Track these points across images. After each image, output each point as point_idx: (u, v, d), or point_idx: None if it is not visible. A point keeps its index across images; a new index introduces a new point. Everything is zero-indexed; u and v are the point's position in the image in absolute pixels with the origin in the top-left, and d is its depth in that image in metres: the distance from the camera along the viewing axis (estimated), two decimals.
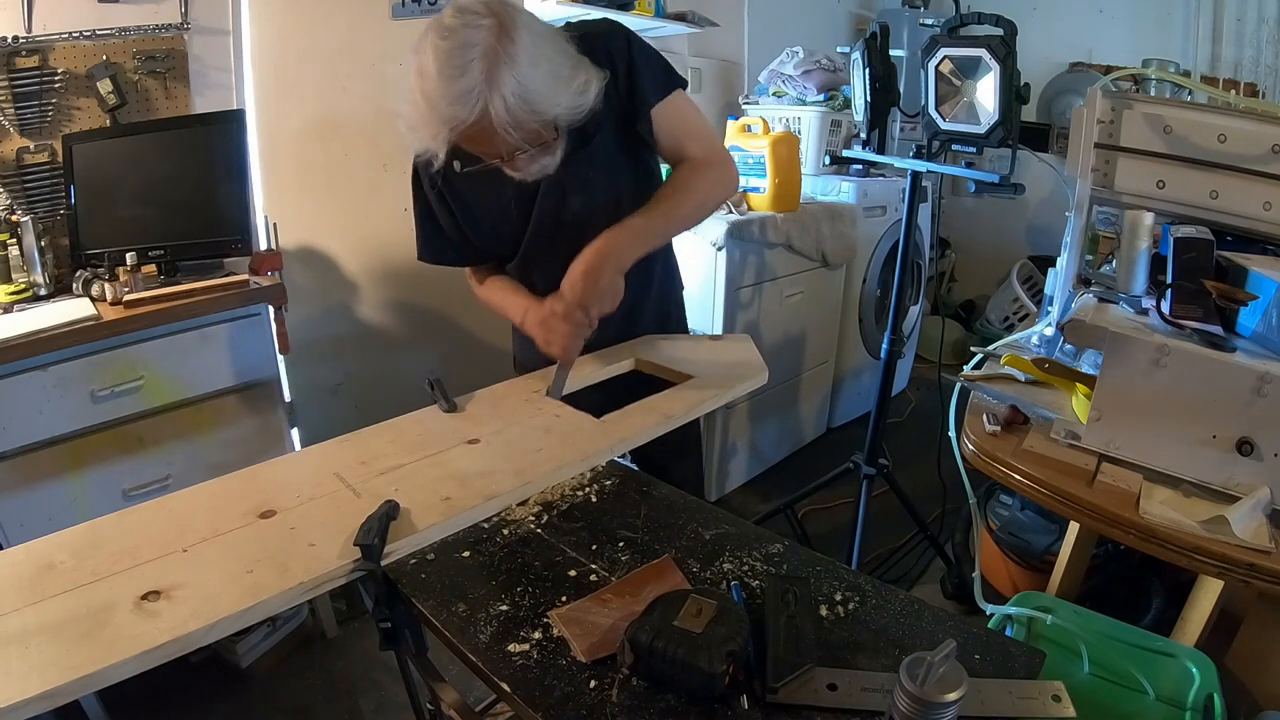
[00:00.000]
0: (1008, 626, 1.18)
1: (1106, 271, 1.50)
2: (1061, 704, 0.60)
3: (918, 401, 3.39)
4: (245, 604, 0.67)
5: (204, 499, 0.85)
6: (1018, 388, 1.27)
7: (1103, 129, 1.30)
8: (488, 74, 0.92)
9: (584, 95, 1.01)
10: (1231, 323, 1.13)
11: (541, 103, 0.97)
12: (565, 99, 0.99)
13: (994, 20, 1.45)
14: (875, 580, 0.76)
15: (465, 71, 0.91)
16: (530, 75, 0.94)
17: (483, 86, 0.92)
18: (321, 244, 2.29)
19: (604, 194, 1.20)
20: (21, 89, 1.71)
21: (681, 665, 0.61)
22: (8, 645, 0.61)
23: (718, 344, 1.35)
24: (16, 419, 1.41)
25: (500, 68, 0.92)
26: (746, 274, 2.41)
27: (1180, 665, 1.10)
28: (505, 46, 0.92)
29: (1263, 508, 0.94)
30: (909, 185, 1.82)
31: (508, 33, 0.93)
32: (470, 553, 0.80)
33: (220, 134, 1.85)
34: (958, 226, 4.32)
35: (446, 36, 0.93)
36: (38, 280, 1.66)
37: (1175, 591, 1.64)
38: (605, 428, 1.02)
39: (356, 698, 1.74)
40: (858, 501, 1.99)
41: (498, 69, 0.92)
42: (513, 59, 0.93)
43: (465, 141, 1.00)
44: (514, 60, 0.93)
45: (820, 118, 2.84)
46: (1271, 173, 1.23)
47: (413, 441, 0.98)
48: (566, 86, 0.99)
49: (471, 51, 0.91)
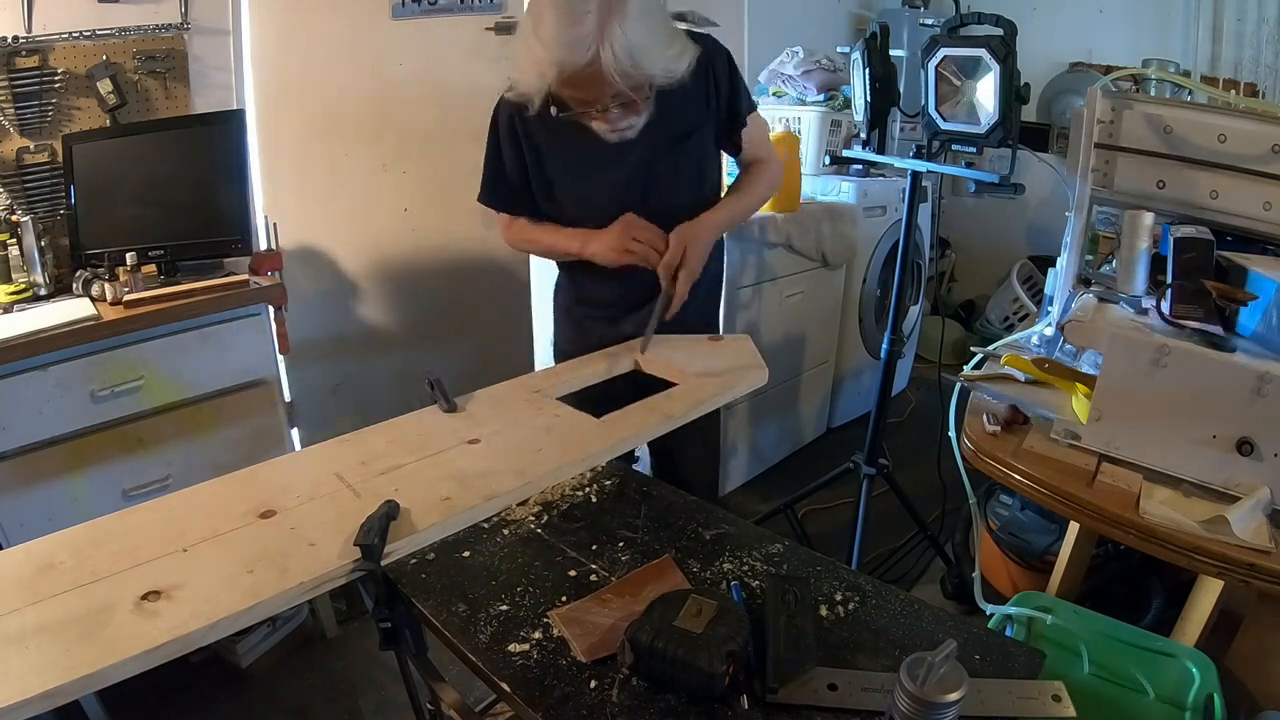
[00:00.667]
0: (1008, 626, 1.18)
1: (1106, 271, 1.50)
2: (1061, 704, 0.60)
3: (918, 401, 3.39)
4: (245, 604, 0.67)
5: (204, 499, 0.85)
6: (1018, 388, 1.27)
7: (1103, 129, 1.30)
8: (601, 24, 1.01)
9: (679, 61, 1.11)
10: (1231, 323, 1.13)
11: (643, 59, 1.06)
12: (663, 61, 1.09)
13: (994, 20, 1.45)
14: (875, 580, 0.76)
15: (582, 20, 1.01)
16: (637, 31, 1.03)
17: (595, 34, 1.01)
18: (321, 244, 2.29)
19: (689, 186, 1.34)
20: (21, 89, 1.71)
21: (681, 665, 0.61)
22: (8, 645, 0.61)
23: (718, 344, 1.35)
24: (16, 419, 1.41)
25: (613, 20, 1.02)
26: (746, 274, 2.41)
27: (1180, 665, 1.10)
28: (618, 2, 1.02)
29: (1263, 508, 0.94)
30: (909, 185, 1.82)
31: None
32: (470, 553, 0.81)
33: (220, 134, 1.85)
34: (958, 226, 4.31)
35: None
36: (38, 280, 1.66)
37: (1175, 591, 1.64)
38: (605, 428, 1.02)
39: (356, 698, 1.74)
40: (858, 501, 1.99)
41: (610, 21, 1.02)
42: (624, 14, 1.02)
43: (566, 86, 1.09)
44: (625, 15, 1.02)
45: (820, 118, 2.83)
46: (1271, 173, 1.23)
47: (413, 441, 0.98)
48: (665, 50, 1.09)
49: (589, 3, 1.01)
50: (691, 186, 1.34)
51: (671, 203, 1.30)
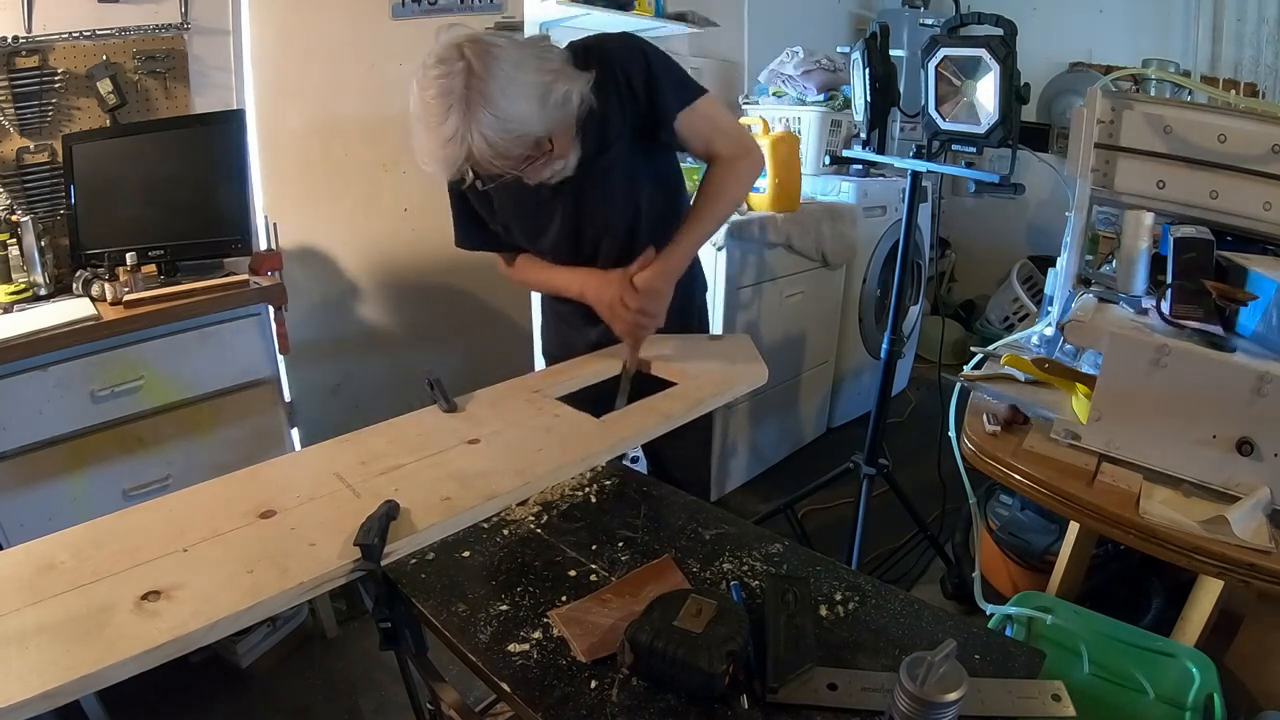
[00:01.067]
0: (1008, 626, 1.18)
1: (1106, 271, 1.50)
2: (1061, 703, 0.60)
3: (918, 401, 3.39)
4: (245, 604, 0.67)
5: (204, 499, 0.85)
6: (1018, 388, 1.27)
7: (1103, 129, 1.30)
8: (465, 117, 0.98)
9: (565, 107, 1.07)
10: (1231, 323, 1.13)
11: (521, 127, 1.02)
12: (545, 115, 1.04)
13: (994, 20, 1.45)
14: (875, 580, 0.76)
15: (446, 118, 0.98)
16: (505, 106, 0.99)
17: (464, 129, 0.98)
18: (321, 244, 2.29)
19: (622, 199, 1.27)
20: (21, 89, 1.71)
21: (681, 665, 0.61)
22: (8, 645, 0.61)
23: (718, 344, 1.35)
24: (16, 419, 1.41)
25: (475, 109, 0.98)
26: (746, 274, 2.41)
27: (1180, 665, 1.10)
28: (476, 87, 0.98)
29: (1263, 508, 0.94)
30: (909, 185, 1.82)
31: (478, 74, 0.98)
32: (470, 553, 0.81)
33: (220, 134, 1.85)
34: (958, 226, 4.31)
35: (428, 87, 0.99)
36: (38, 280, 1.66)
37: (1175, 591, 1.64)
38: (605, 428, 1.02)
39: (356, 698, 1.74)
40: (858, 501, 1.99)
41: (473, 110, 0.98)
42: (486, 97, 0.98)
43: (475, 167, 1.06)
44: (488, 98, 0.98)
45: (820, 118, 2.83)
46: (1271, 173, 1.23)
47: (413, 441, 0.98)
48: (544, 104, 1.04)
49: (449, 99, 0.98)
50: (625, 201, 1.28)
51: (610, 223, 1.27)
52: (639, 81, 1.19)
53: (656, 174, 1.32)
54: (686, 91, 1.23)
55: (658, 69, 1.20)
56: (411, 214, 2.35)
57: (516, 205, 1.27)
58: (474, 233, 1.35)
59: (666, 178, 1.36)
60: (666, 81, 1.21)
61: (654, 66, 1.20)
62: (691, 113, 1.23)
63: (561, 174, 1.15)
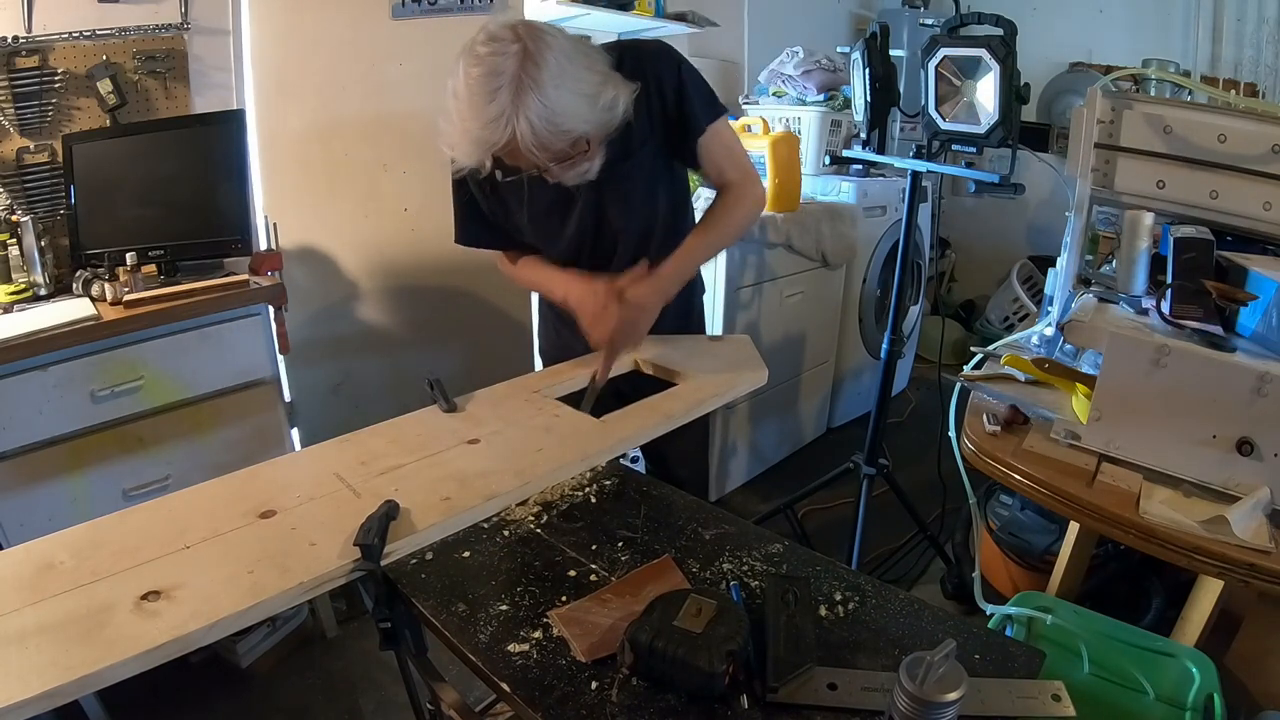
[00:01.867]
0: (1008, 626, 1.18)
1: (1106, 271, 1.50)
2: (1061, 703, 0.60)
3: (918, 401, 3.39)
4: (245, 604, 0.67)
5: (204, 499, 0.85)
6: (1018, 388, 1.27)
7: (1103, 129, 1.30)
8: (515, 99, 0.96)
9: (612, 111, 1.05)
10: (1231, 323, 1.13)
11: (568, 121, 1.00)
12: (593, 115, 1.03)
13: (994, 20, 1.45)
14: (875, 580, 0.76)
15: (494, 98, 0.96)
16: (556, 97, 0.98)
17: (510, 111, 0.96)
18: (321, 244, 2.29)
19: (641, 206, 1.27)
20: (21, 89, 1.71)
21: (681, 665, 0.61)
22: (8, 645, 0.61)
23: (718, 344, 1.35)
24: (16, 419, 1.41)
25: (526, 93, 0.96)
26: (746, 274, 2.41)
27: (1180, 665, 1.10)
28: (530, 72, 0.96)
29: (1263, 508, 0.94)
30: (909, 185, 1.82)
31: (533, 58, 0.97)
32: (470, 553, 0.80)
33: (220, 134, 1.85)
34: (958, 226, 4.32)
35: (476, 64, 0.97)
36: (38, 280, 1.66)
37: (1175, 591, 1.64)
38: (605, 428, 1.02)
39: (356, 698, 1.74)
40: (858, 501, 1.99)
41: (524, 94, 0.96)
42: (538, 83, 0.96)
43: (504, 156, 1.04)
44: (539, 85, 0.96)
45: (820, 118, 2.84)
46: (1271, 173, 1.23)
47: (413, 441, 0.98)
48: (593, 104, 1.03)
49: (500, 79, 0.96)
50: (643, 208, 1.27)
51: (628, 229, 1.27)
52: (671, 91, 1.19)
53: (673, 185, 1.32)
54: (712, 110, 1.24)
55: (689, 82, 1.21)
56: (411, 214, 2.35)
57: (533, 204, 1.25)
58: (476, 229, 1.34)
59: (680, 190, 1.36)
60: (696, 96, 1.21)
61: (686, 79, 1.20)
62: (713, 133, 1.24)
63: (585, 177, 1.13)
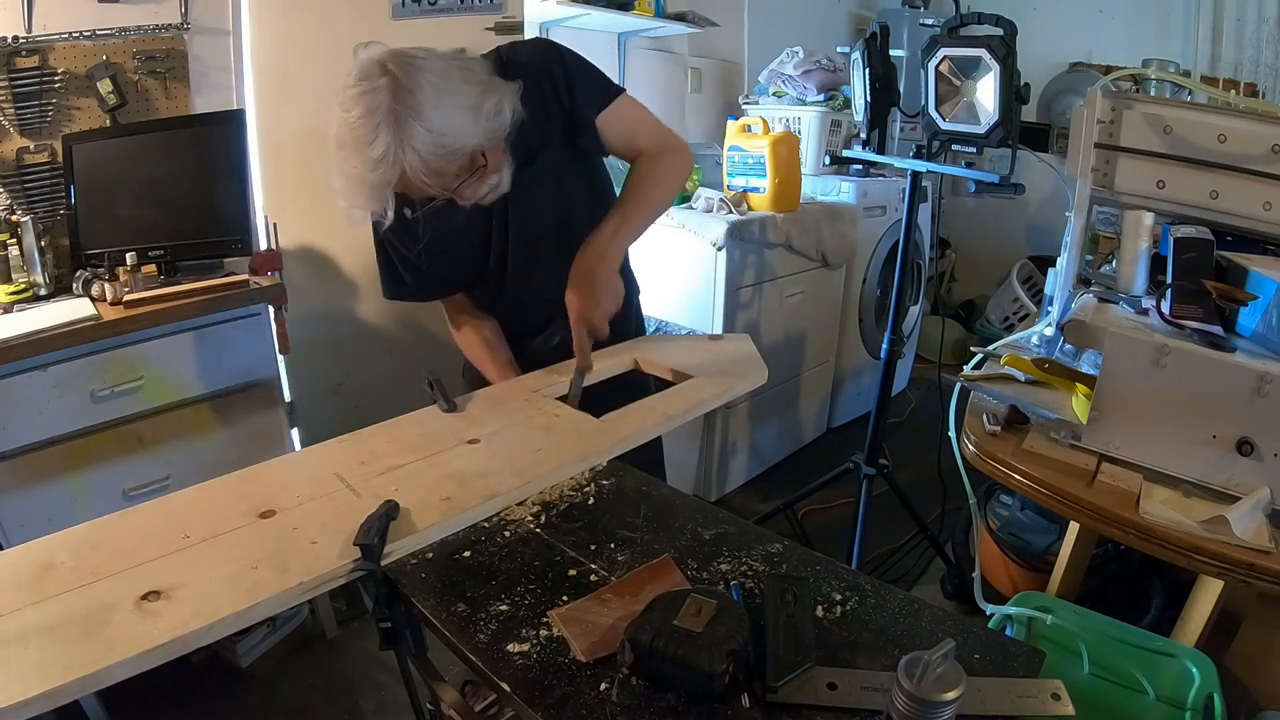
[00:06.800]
0: (1008, 626, 1.18)
1: (1106, 271, 1.50)
2: (1061, 702, 0.60)
3: (918, 401, 3.39)
4: (245, 604, 0.67)
5: (204, 499, 0.85)
6: (1018, 388, 1.27)
7: (1103, 129, 1.30)
8: (396, 133, 0.93)
9: (499, 117, 1.02)
10: (1231, 323, 1.14)
11: (456, 139, 0.98)
12: (479, 127, 1.00)
13: (994, 20, 1.45)
14: (875, 580, 0.76)
15: (375, 136, 0.93)
16: (437, 119, 0.95)
17: (395, 146, 0.93)
18: (321, 244, 2.29)
19: (552, 209, 1.23)
20: (21, 89, 1.71)
21: (681, 665, 0.61)
22: (8, 645, 0.61)
23: (718, 344, 1.35)
24: (16, 419, 1.41)
25: (406, 123, 0.93)
26: (746, 274, 2.41)
27: (1180, 665, 1.10)
28: (405, 100, 0.93)
29: (1263, 508, 0.94)
30: (909, 185, 1.82)
31: (404, 85, 0.94)
32: (470, 553, 0.80)
33: (220, 134, 1.85)
34: (958, 226, 4.32)
35: (351, 106, 0.95)
36: (38, 280, 1.66)
37: (1175, 591, 1.64)
38: (605, 428, 1.02)
39: (356, 698, 1.74)
40: (858, 501, 1.99)
41: (404, 125, 0.93)
42: (416, 110, 0.94)
43: (405, 190, 1.02)
44: (418, 111, 0.94)
45: (820, 118, 2.84)
46: (1271, 173, 1.23)
47: (413, 441, 0.98)
48: (477, 115, 1.00)
49: (376, 115, 0.93)
50: (557, 212, 1.24)
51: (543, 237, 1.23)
52: (560, 83, 1.16)
53: (586, 181, 1.28)
54: (606, 92, 1.21)
55: (574, 71, 1.17)
56: None
57: (442, 235, 1.22)
58: (400, 281, 1.29)
59: (596, 184, 1.31)
60: (584, 83, 1.18)
61: (570, 69, 1.17)
62: (611, 113, 1.20)
63: (497, 190, 1.09)
